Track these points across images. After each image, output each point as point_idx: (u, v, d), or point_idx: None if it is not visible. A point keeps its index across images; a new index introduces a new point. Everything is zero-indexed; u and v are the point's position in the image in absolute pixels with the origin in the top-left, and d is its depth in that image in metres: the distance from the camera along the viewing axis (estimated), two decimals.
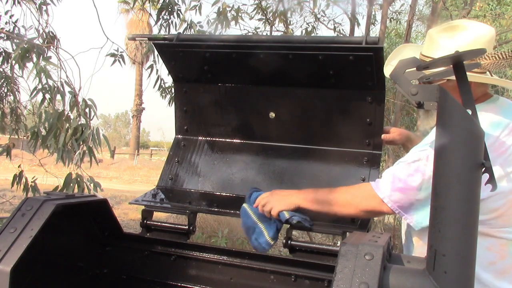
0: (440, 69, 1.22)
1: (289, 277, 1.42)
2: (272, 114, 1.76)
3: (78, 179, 3.20)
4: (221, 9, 4.59)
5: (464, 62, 1.07)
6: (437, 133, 0.99)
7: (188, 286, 1.56)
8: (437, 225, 0.95)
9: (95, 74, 3.49)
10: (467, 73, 1.10)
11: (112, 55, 4.22)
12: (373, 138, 1.67)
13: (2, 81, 4.02)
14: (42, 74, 3.14)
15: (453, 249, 0.93)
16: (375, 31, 7.38)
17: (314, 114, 1.72)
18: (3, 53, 4.06)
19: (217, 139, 1.87)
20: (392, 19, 7.43)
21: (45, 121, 3.11)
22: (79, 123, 3.18)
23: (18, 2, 3.93)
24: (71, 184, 3.15)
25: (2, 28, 3.96)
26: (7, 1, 4.01)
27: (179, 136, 1.93)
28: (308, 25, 6.02)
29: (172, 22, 4.73)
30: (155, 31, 8.19)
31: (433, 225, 0.96)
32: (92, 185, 3.25)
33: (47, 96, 3.21)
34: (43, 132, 3.18)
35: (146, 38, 1.90)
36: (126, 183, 16.21)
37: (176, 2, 4.68)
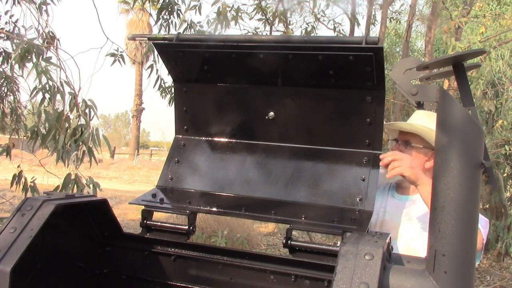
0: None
1: (289, 277, 1.42)
2: (272, 114, 1.76)
3: (77, 179, 3.20)
4: (220, 9, 4.59)
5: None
6: (437, 133, 0.99)
7: (188, 286, 1.56)
8: (437, 225, 0.95)
9: (95, 74, 3.49)
10: None
11: (112, 55, 4.22)
12: (373, 138, 1.67)
13: (2, 81, 4.02)
14: (42, 74, 3.13)
15: (453, 249, 0.93)
16: (375, 31, 7.39)
17: (314, 114, 1.72)
18: (3, 53, 4.06)
19: (217, 139, 1.87)
20: (392, 19, 7.44)
21: (45, 121, 3.11)
22: (78, 124, 3.17)
23: (18, 2, 3.93)
24: (70, 185, 3.15)
25: (2, 28, 3.96)
26: (7, 1, 4.01)
27: (179, 136, 1.92)
28: (308, 25, 6.02)
29: (172, 22, 4.73)
30: (155, 31, 8.20)
31: (433, 225, 0.96)
32: (91, 185, 3.25)
33: (47, 96, 3.21)
34: (43, 132, 3.18)
35: (146, 38, 1.90)
36: (126, 183, 16.20)
37: (176, 2, 4.68)
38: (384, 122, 2.11)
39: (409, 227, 1.85)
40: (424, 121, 1.90)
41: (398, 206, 1.91)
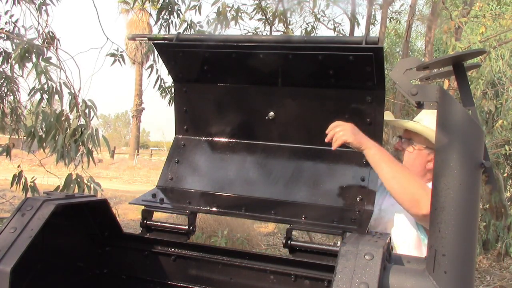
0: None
1: (289, 277, 1.42)
2: (272, 114, 1.76)
3: (78, 179, 3.19)
4: (220, 9, 4.59)
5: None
6: (437, 133, 0.99)
7: (188, 286, 1.56)
8: (437, 225, 0.95)
9: (95, 74, 3.49)
10: None
11: (112, 55, 4.21)
12: (373, 138, 1.67)
13: (2, 81, 4.02)
14: (42, 74, 3.14)
15: (453, 249, 0.93)
16: (375, 31, 7.39)
17: (314, 114, 1.72)
18: (3, 53, 4.06)
19: (217, 139, 1.87)
20: (392, 19, 7.44)
21: (42, 121, 3.10)
22: (78, 124, 3.17)
23: (18, 2, 3.93)
24: (72, 185, 3.15)
25: (2, 28, 3.96)
26: (7, 1, 4.01)
27: (179, 136, 1.93)
28: (308, 25, 6.02)
29: (172, 22, 4.73)
30: (155, 31, 8.20)
31: (433, 225, 0.96)
32: (92, 185, 3.25)
33: (45, 96, 3.20)
34: (40, 133, 3.18)
35: (146, 38, 1.90)
36: (126, 183, 16.19)
37: (176, 2, 4.68)
38: (391, 118, 2.04)
39: (400, 224, 1.85)
40: (430, 122, 1.88)
41: (394, 204, 1.91)
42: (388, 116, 2.04)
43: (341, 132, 1.60)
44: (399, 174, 1.60)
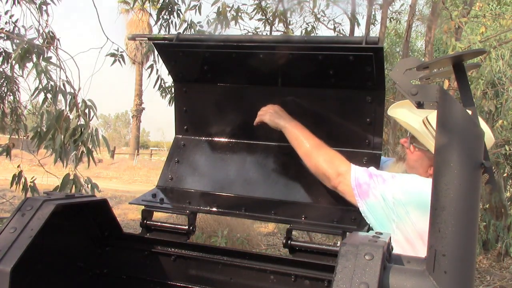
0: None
1: (289, 277, 1.42)
2: None
3: (75, 180, 3.19)
4: (220, 9, 4.59)
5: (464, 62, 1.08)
6: (437, 133, 0.99)
7: (188, 286, 1.56)
8: (437, 225, 0.95)
9: (95, 74, 3.49)
10: None
11: (112, 55, 4.22)
12: (373, 138, 1.67)
13: (2, 81, 4.02)
14: (42, 74, 3.14)
15: (453, 249, 0.92)
16: (375, 31, 7.39)
17: (314, 114, 1.72)
18: (3, 53, 4.06)
19: (217, 139, 1.87)
20: (392, 19, 7.44)
21: (47, 121, 3.11)
22: (78, 124, 3.18)
23: (18, 2, 3.93)
24: (68, 185, 3.15)
25: (2, 28, 3.96)
26: (7, 1, 4.01)
27: (179, 136, 1.93)
28: (308, 25, 6.02)
29: (172, 22, 4.74)
30: (155, 31, 8.19)
31: (433, 225, 0.96)
32: (89, 186, 3.25)
33: (49, 96, 3.21)
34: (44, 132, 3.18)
35: (146, 38, 1.90)
36: (126, 183, 16.19)
37: (176, 2, 4.69)
38: (400, 111, 1.75)
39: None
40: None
41: None
42: (396, 110, 1.77)
43: (261, 112, 1.70)
44: (310, 151, 1.61)
